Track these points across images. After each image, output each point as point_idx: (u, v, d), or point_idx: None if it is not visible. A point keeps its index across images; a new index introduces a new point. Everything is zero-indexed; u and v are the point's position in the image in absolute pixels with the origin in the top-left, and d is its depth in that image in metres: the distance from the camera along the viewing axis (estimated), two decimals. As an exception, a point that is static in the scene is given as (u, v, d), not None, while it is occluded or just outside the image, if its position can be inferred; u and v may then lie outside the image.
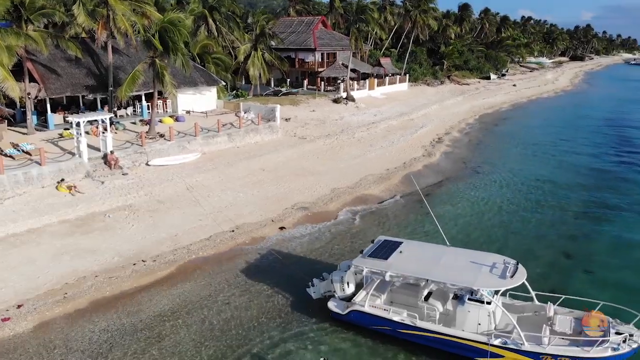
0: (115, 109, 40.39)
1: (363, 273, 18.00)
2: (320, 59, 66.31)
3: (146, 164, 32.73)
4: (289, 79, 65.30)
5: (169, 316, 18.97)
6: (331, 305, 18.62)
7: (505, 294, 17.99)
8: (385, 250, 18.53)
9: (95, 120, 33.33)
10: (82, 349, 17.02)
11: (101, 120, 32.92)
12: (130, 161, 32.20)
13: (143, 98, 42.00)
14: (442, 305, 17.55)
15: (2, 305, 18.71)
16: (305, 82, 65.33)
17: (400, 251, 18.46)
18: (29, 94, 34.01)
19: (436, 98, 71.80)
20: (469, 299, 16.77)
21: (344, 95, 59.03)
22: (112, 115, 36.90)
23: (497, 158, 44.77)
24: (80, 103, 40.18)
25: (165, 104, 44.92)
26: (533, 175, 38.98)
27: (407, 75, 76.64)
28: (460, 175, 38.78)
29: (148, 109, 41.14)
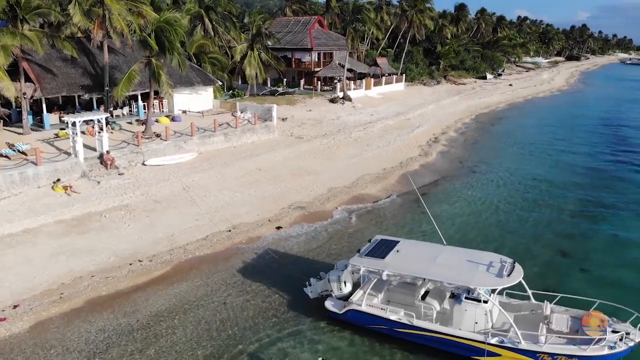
0: (111, 109, 40.31)
1: (360, 272, 18.03)
2: (316, 59, 66.32)
3: (142, 164, 32.65)
4: (285, 79, 65.25)
5: (166, 316, 18.93)
6: (328, 304, 18.62)
7: (502, 292, 18.02)
8: (382, 250, 18.54)
9: (91, 120, 33.25)
10: (79, 349, 16.97)
11: (97, 120, 32.85)
12: (127, 161, 32.10)
13: (139, 98, 41.90)
14: (439, 304, 17.59)
15: (-2, 306, 18.65)
16: (302, 82, 65.29)
17: (397, 250, 18.47)
18: (25, 94, 33.90)
19: (432, 98, 71.89)
20: (466, 298, 16.81)
21: (341, 95, 59.03)
22: (108, 115, 36.86)
23: (494, 157, 44.84)
24: (76, 103, 40.08)
25: (162, 104, 44.84)
26: (529, 174, 39.07)
27: (404, 75, 76.68)
28: (457, 174, 38.84)
29: (144, 108, 41.07)
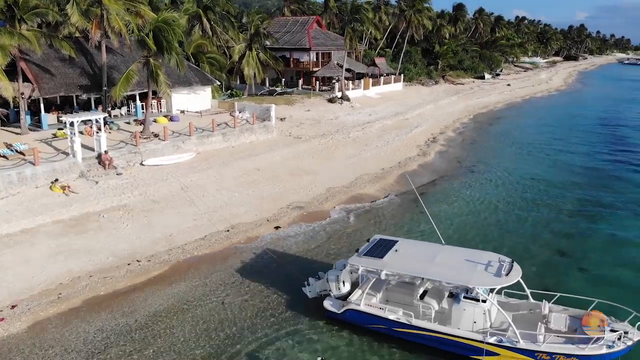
0: (109, 109, 40.25)
1: (359, 272, 18.05)
2: (315, 59, 66.35)
3: (140, 164, 32.61)
4: (283, 79, 65.28)
5: (164, 316, 18.90)
6: (327, 304, 18.62)
7: (501, 292, 18.02)
8: (380, 249, 18.53)
9: (89, 120, 33.16)
10: (77, 349, 16.94)
11: (95, 120, 32.77)
12: (125, 161, 32.06)
13: (137, 98, 41.85)
14: (438, 304, 17.59)
15: (-4, 306, 18.62)
16: (300, 82, 65.36)
17: (396, 250, 18.47)
18: (23, 94, 33.86)
19: (431, 98, 71.96)
20: (464, 297, 16.82)
21: (339, 94, 59.07)
22: (106, 115, 36.75)
23: (492, 157, 44.88)
24: (74, 103, 40.02)
25: (160, 104, 44.82)
26: (528, 174, 39.12)
27: (402, 75, 76.77)
28: (455, 174, 38.87)
29: (142, 108, 41.04)
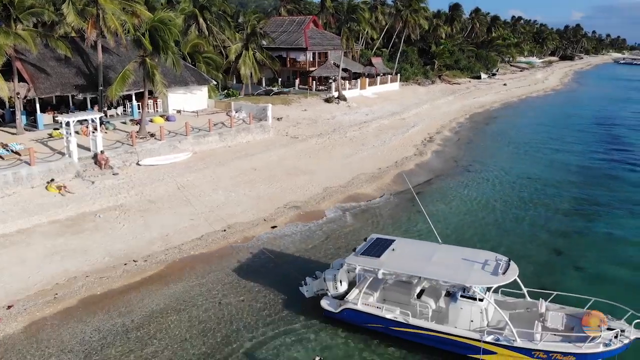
0: (106, 109, 40.10)
1: (356, 271, 18.02)
2: (311, 59, 66.30)
3: (137, 164, 32.52)
4: (280, 79, 65.20)
5: (160, 316, 18.86)
6: (324, 303, 18.62)
7: (498, 290, 18.07)
8: (377, 248, 18.55)
9: (85, 119, 33.08)
10: (74, 350, 16.88)
11: (91, 119, 32.67)
12: (121, 161, 31.98)
13: (133, 97, 41.72)
14: (435, 303, 17.61)
15: (-8, 306, 18.54)
16: (297, 82, 65.29)
17: (393, 249, 18.49)
18: (18, 94, 33.71)
19: (427, 97, 72.01)
20: (461, 296, 16.85)
21: (336, 94, 59.03)
22: (102, 115, 36.67)
23: (488, 157, 44.98)
24: (70, 103, 39.88)
25: (156, 104, 44.67)
26: (524, 173, 39.23)
27: (399, 75, 76.76)
28: (452, 173, 38.95)
29: (138, 108, 40.91)
